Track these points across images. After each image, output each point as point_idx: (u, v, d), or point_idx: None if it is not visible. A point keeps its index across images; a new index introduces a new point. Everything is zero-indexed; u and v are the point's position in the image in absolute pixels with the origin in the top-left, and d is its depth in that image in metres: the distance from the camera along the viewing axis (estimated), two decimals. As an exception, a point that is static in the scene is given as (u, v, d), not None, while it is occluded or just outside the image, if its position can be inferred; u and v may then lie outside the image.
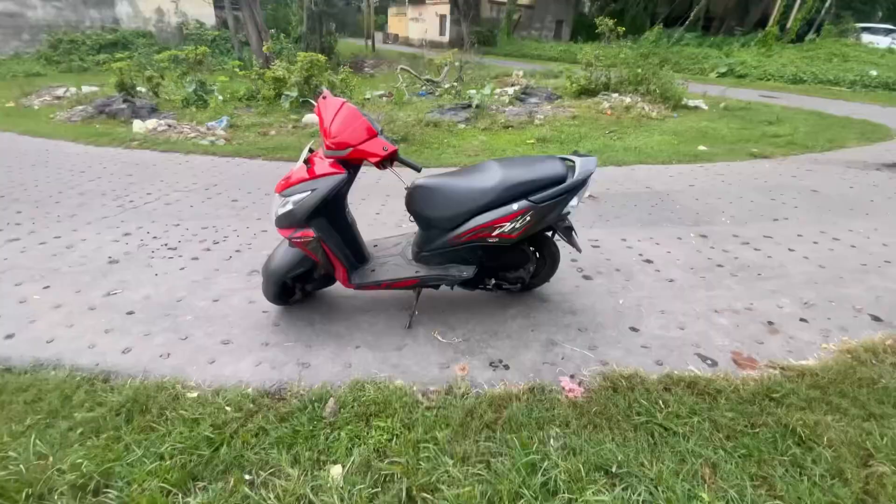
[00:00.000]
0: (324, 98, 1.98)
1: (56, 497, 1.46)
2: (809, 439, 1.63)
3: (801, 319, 2.46)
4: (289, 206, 1.94)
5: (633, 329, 2.39)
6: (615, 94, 9.55)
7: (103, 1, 16.99)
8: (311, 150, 2.07)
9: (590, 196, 4.37)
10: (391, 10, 39.53)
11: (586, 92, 9.96)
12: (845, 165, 5.60)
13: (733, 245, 3.39)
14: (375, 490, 1.48)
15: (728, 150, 6.21)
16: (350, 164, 1.99)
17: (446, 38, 29.89)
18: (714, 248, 3.33)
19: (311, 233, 1.99)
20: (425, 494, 1.46)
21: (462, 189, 2.11)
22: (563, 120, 7.77)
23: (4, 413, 1.78)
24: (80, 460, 1.56)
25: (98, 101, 7.69)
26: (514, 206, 2.05)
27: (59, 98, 9.02)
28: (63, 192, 4.24)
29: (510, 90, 10.27)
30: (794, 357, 2.14)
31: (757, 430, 1.70)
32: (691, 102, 9.24)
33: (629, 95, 9.38)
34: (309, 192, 1.92)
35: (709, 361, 2.14)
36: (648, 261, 3.14)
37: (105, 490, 1.49)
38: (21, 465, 1.54)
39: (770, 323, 2.43)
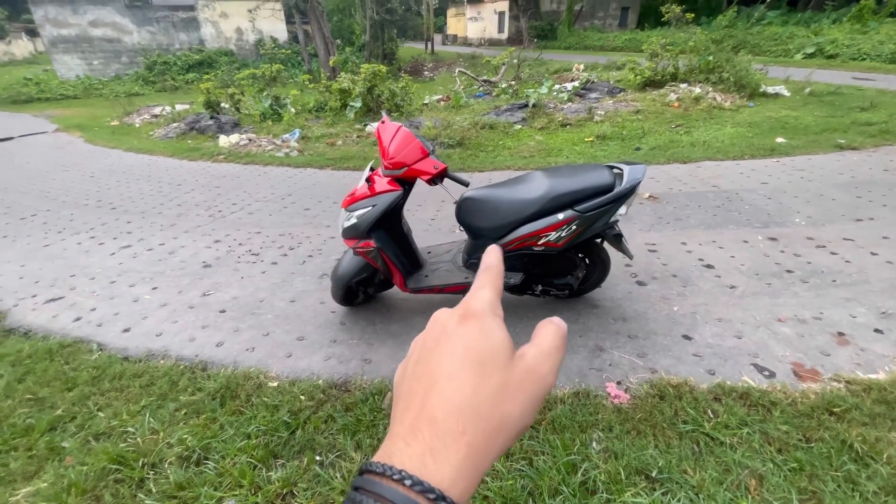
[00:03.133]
0: (383, 122, 2.18)
1: (166, 465, 1.78)
2: (868, 455, 1.58)
3: (876, 330, 2.30)
4: (353, 220, 2.17)
5: (686, 337, 2.36)
6: (683, 85, 9.06)
7: (190, 24, 18.88)
8: (371, 169, 2.28)
9: (650, 197, 4.26)
10: (450, 11, 39.90)
11: (652, 83, 9.54)
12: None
13: (806, 249, 3.18)
14: (427, 477, 1.65)
15: (810, 141, 5.71)
16: (405, 182, 2.18)
17: (505, 36, 29.69)
18: (784, 253, 3.15)
19: (372, 243, 2.20)
20: (471, 484, 1.61)
21: (508, 200, 2.22)
22: (626, 115, 7.52)
23: (124, 395, 2.17)
24: (185, 436, 1.89)
25: (189, 118, 8.61)
26: (560, 216, 2.13)
27: (156, 116, 10.13)
28: (164, 203, 4.87)
29: (569, 86, 10.08)
30: (863, 371, 2.03)
31: (811, 444, 1.66)
32: (771, 89, 8.52)
33: (699, 85, 8.86)
34: (370, 208, 2.13)
35: (766, 372, 2.08)
36: (709, 266, 3.04)
37: (205, 461, 1.79)
38: (138, 438, 1.90)
39: (840, 333, 2.30)
